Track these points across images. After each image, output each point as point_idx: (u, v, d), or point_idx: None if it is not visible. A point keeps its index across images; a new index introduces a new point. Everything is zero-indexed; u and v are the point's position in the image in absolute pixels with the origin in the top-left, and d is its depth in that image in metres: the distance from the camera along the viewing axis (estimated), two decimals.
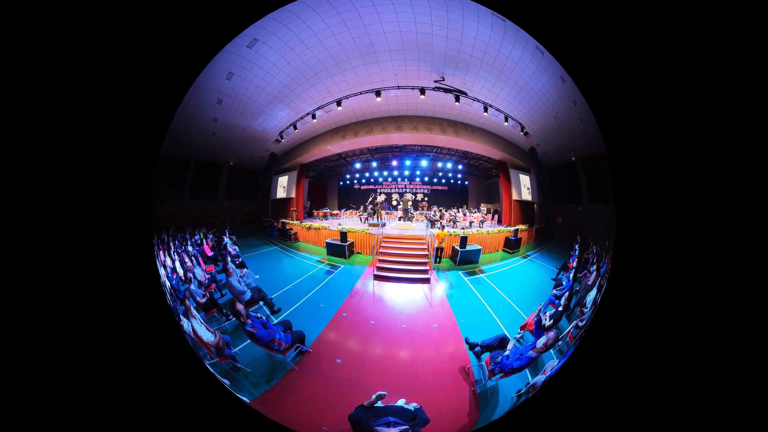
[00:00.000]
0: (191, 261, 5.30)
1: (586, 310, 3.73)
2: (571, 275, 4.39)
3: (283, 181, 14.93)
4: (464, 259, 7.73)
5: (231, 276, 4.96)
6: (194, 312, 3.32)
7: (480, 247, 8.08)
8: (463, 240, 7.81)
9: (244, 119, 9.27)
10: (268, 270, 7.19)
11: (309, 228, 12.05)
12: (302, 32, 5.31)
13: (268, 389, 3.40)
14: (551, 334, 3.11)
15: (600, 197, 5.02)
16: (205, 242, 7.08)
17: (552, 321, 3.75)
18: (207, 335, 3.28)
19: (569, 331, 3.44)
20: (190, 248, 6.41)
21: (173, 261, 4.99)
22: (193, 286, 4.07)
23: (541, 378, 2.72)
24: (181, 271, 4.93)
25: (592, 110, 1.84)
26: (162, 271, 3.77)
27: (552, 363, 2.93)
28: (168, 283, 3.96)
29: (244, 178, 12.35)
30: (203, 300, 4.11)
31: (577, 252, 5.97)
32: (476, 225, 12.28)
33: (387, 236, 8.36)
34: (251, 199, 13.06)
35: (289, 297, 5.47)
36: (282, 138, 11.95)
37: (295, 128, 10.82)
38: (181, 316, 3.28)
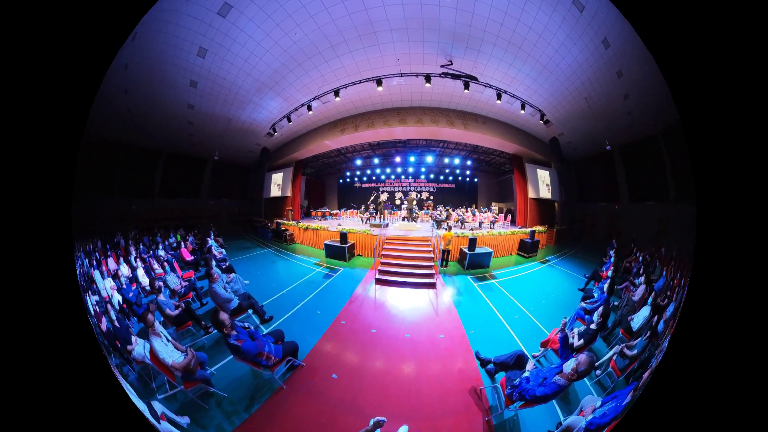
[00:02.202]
0: (162, 267, 4.93)
1: (638, 335, 3.22)
2: (605, 286, 3.86)
3: (277, 178, 14.56)
4: (473, 262, 7.37)
5: (215, 282, 4.54)
6: (159, 328, 2.89)
7: (491, 250, 7.70)
8: (472, 242, 7.43)
9: (229, 108, 8.69)
10: (260, 274, 6.86)
11: (306, 229, 11.68)
12: (287, 2, 4.68)
13: (247, 419, 2.99)
14: (582, 357, 2.56)
15: (649, 193, 4.40)
16: (183, 245, 6.66)
17: (582, 341, 3.23)
18: (174, 356, 2.85)
19: (611, 358, 2.93)
20: (162, 252, 6.07)
21: (134, 268, 4.65)
22: (162, 297, 3.65)
23: (579, 422, 2.22)
24: (145, 281, 4.59)
25: (666, 76, 1.34)
26: (105, 284, 3.37)
27: (592, 402, 2.42)
28: (119, 298, 3.59)
29: (232, 175, 11.85)
30: (175, 312, 3.68)
31: (612, 259, 5.51)
32: (486, 226, 11.40)
33: (390, 237, 7.95)
34: (241, 197, 12.64)
35: (282, 304, 5.14)
36: (275, 131, 11.51)
37: (290, 121, 10.35)
38: (135, 338, 2.83)
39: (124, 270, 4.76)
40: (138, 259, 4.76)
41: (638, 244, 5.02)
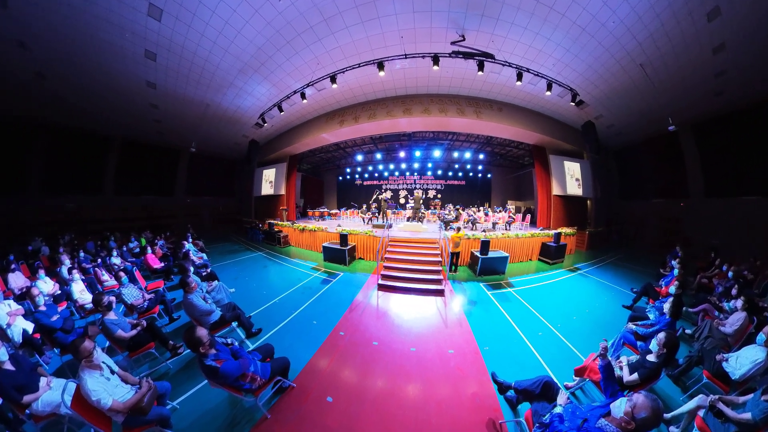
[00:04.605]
0: (117, 278, 4.34)
1: (746, 389, 2.43)
2: (667, 306, 3.19)
3: (269, 174, 14.10)
4: (486, 268, 6.87)
5: (192, 292, 4.05)
6: (99, 358, 2.40)
7: (507, 255, 7.23)
8: (485, 245, 6.91)
9: (206, 91, 7.96)
10: (248, 281, 6.46)
11: (302, 230, 11.04)
12: None
13: None
14: (640, 399, 2.01)
15: (748, 185, 3.33)
16: (150, 250, 6.16)
17: (636, 375, 2.65)
18: (118, 393, 2.35)
19: (693, 412, 2.19)
20: (116, 260, 5.59)
21: (65, 282, 4.05)
22: (113, 315, 3.16)
23: None
24: (87, 297, 3.98)
25: None
26: None
27: None
28: (25, 327, 2.91)
29: (214, 169, 11.12)
30: (131, 333, 3.20)
31: (676, 271, 4.68)
32: (501, 227, 10.40)
33: (394, 239, 7.63)
34: (227, 195, 11.99)
35: (273, 314, 4.73)
36: (264, 122, 10.88)
37: (281, 110, 9.68)
38: (47, 379, 2.22)
39: (45, 286, 4.13)
40: (76, 270, 4.27)
41: (724, 254, 4.01)
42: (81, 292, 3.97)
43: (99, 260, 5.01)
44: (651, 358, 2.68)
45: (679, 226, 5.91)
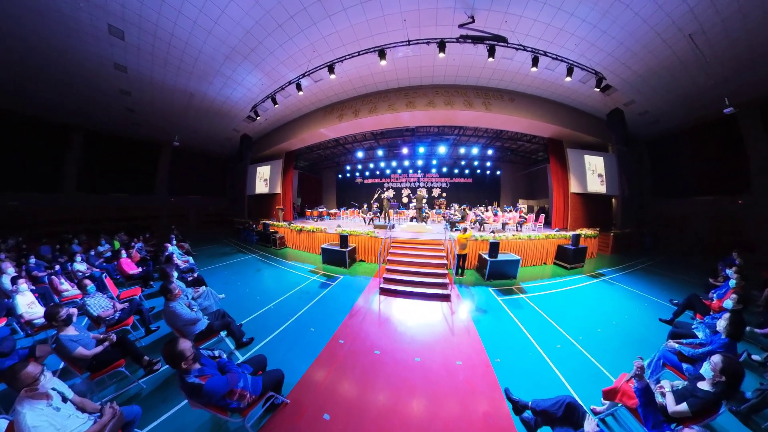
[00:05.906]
0: (81, 286, 3.69)
1: None
2: (723, 324, 2.78)
3: (263, 172, 13.83)
4: (495, 272, 6.55)
5: (175, 300, 3.77)
6: (49, 384, 2.06)
7: (518, 258, 6.90)
8: (494, 247, 6.60)
9: (189, 79, 7.52)
10: (240, 286, 6.25)
11: (300, 231, 10.75)
12: None
13: None
14: None
15: None
16: (126, 254, 5.83)
17: (685, 405, 2.29)
18: (70, 425, 2.07)
19: None
20: (81, 266, 5.14)
21: (8, 294, 3.48)
22: (70, 330, 2.84)
23: None
24: (33, 312, 3.48)
25: None
26: None
27: None
28: None
29: (202, 166, 10.72)
30: (95, 350, 2.89)
31: (732, 282, 4.07)
32: (511, 228, 10.09)
33: (396, 240, 7.43)
34: (217, 194, 11.62)
35: (267, 321, 4.55)
36: (257, 115, 10.54)
37: (275, 102, 9.33)
38: None
39: None
40: (24, 280, 3.86)
41: None
42: (29, 305, 3.63)
43: (57, 267, 4.66)
44: (704, 386, 2.30)
45: (736, 227, 5.17)
